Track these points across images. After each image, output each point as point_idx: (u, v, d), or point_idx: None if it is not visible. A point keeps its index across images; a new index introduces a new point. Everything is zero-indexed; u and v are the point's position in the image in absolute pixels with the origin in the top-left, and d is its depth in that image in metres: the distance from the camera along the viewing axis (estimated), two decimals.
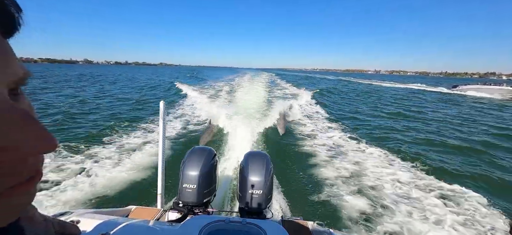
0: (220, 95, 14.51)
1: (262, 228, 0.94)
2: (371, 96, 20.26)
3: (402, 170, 4.98)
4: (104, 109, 9.66)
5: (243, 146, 5.36)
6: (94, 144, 5.46)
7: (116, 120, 7.83)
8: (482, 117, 12.05)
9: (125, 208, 1.52)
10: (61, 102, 10.75)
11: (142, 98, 13.38)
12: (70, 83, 20.20)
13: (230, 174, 4.26)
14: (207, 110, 9.37)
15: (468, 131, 9.01)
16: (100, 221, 0.93)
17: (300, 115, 9.94)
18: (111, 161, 4.63)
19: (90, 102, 11.15)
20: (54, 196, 3.35)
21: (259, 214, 1.46)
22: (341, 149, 6.07)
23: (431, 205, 3.76)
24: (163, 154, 1.90)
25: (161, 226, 0.98)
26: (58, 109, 9.27)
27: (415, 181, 4.48)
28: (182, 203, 1.47)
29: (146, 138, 6.08)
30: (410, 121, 10.77)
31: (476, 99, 21.03)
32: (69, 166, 4.30)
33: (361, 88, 29.40)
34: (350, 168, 4.96)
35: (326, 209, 3.60)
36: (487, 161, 5.90)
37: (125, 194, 3.65)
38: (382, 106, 14.83)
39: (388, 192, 4.07)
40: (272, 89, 19.44)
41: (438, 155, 6.31)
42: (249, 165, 1.56)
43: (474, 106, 16.23)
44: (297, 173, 4.76)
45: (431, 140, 7.65)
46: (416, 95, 22.84)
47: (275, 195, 3.67)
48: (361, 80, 47.18)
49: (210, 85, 21.41)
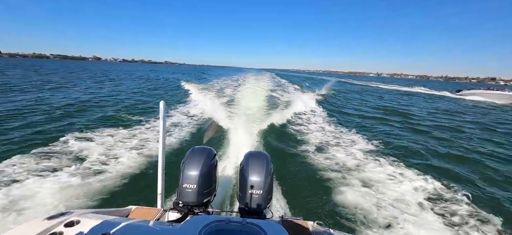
0: (221, 95, 14.51)
1: (262, 228, 0.94)
2: (375, 98, 20.26)
3: (402, 170, 4.98)
4: (104, 108, 9.66)
5: (243, 146, 5.37)
6: (94, 144, 5.46)
7: (116, 120, 7.83)
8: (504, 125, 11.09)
9: (125, 208, 1.52)
10: (59, 100, 10.75)
11: (142, 98, 13.38)
12: (69, 80, 20.18)
13: (230, 174, 4.26)
14: (207, 110, 9.38)
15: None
16: (100, 221, 0.93)
17: (300, 115, 9.94)
18: (111, 160, 4.62)
19: (90, 102, 11.16)
20: (54, 196, 3.35)
21: (259, 214, 1.46)
22: (341, 149, 6.07)
23: (431, 205, 3.76)
24: (163, 154, 1.90)
25: (161, 226, 0.98)
26: (57, 106, 9.28)
27: (415, 181, 4.48)
28: (182, 203, 1.47)
29: (146, 137, 6.08)
30: (414, 124, 10.77)
31: (482, 103, 20.96)
32: (69, 166, 4.30)
33: (365, 90, 29.40)
34: (350, 168, 4.96)
35: (326, 209, 3.60)
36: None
37: (125, 194, 3.65)
38: (383, 107, 14.83)
39: (388, 192, 4.07)
40: (273, 89, 19.46)
41: (441, 159, 6.30)
42: (249, 165, 1.56)
43: (484, 111, 15.69)
44: (297, 173, 4.76)
45: (433, 143, 7.65)
46: (422, 99, 22.83)
47: (275, 195, 3.67)
48: (366, 83, 46.97)
49: (210, 85, 21.42)
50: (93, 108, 9.75)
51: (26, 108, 8.78)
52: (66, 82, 19.08)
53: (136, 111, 9.47)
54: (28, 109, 8.63)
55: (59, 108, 9.20)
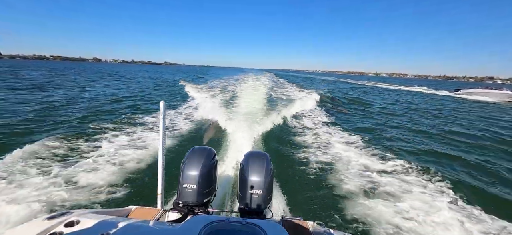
0: (221, 95, 14.50)
1: (262, 228, 0.94)
2: (375, 98, 20.26)
3: (402, 170, 4.98)
4: (104, 108, 9.66)
5: (243, 146, 5.36)
6: (94, 144, 5.46)
7: (116, 119, 7.83)
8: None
9: (125, 208, 1.52)
10: (59, 99, 10.76)
11: (143, 98, 13.38)
12: (68, 79, 20.21)
13: (230, 174, 4.26)
14: (207, 110, 9.37)
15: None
16: (100, 221, 0.93)
17: (300, 115, 9.94)
18: (111, 161, 4.62)
19: (90, 101, 11.16)
20: (54, 196, 3.35)
21: (259, 214, 1.46)
22: (341, 149, 6.07)
23: (431, 205, 3.76)
24: (163, 154, 1.89)
25: (161, 226, 0.98)
26: (56, 106, 9.28)
27: (416, 182, 4.49)
28: (182, 203, 1.47)
29: (146, 137, 6.07)
30: (414, 124, 10.77)
31: (482, 102, 21.00)
32: (69, 166, 4.30)
33: (365, 89, 29.40)
34: (350, 168, 4.96)
35: (326, 209, 3.60)
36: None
37: (125, 194, 3.65)
38: (384, 107, 14.83)
39: (389, 192, 4.07)
40: (273, 89, 19.46)
41: (444, 159, 6.30)
42: (249, 165, 1.56)
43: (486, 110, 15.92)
44: (297, 173, 4.76)
45: (435, 142, 7.64)
46: (422, 98, 22.82)
47: (275, 195, 3.66)
48: (364, 82, 46.89)
49: (211, 86, 21.41)
50: (93, 107, 9.74)
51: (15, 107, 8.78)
52: (88, 82, 19.11)
53: (136, 111, 9.47)
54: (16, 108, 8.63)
55: (58, 110, 9.20)
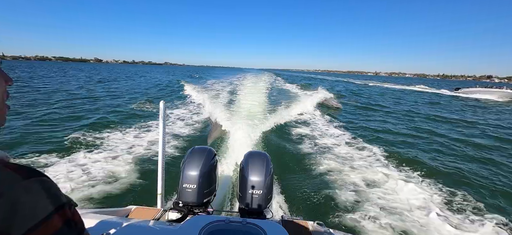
0: (221, 96, 14.50)
1: (262, 228, 0.94)
2: (375, 98, 20.26)
3: (402, 170, 4.99)
4: (104, 108, 9.65)
5: (243, 146, 5.36)
6: (94, 144, 5.46)
7: (116, 119, 7.83)
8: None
9: (125, 208, 1.52)
10: (58, 100, 10.75)
11: (142, 98, 13.38)
12: (66, 79, 20.21)
13: (230, 174, 4.25)
14: (207, 110, 9.37)
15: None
16: (100, 221, 0.93)
17: (300, 115, 9.93)
18: (111, 160, 4.62)
19: (89, 101, 11.16)
20: None
21: (259, 214, 1.46)
22: (341, 149, 6.07)
23: (431, 203, 3.76)
24: (163, 154, 1.89)
25: (161, 226, 0.98)
26: (56, 108, 9.28)
27: (417, 182, 4.48)
28: (182, 203, 1.47)
29: (146, 137, 6.07)
30: (415, 125, 10.78)
31: (483, 101, 20.99)
32: (69, 166, 4.29)
33: (365, 89, 29.39)
34: (350, 168, 4.95)
35: (326, 209, 3.59)
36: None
37: (125, 194, 3.65)
38: (383, 106, 14.82)
39: (390, 192, 4.07)
40: (273, 89, 19.45)
41: (443, 159, 6.30)
42: (249, 165, 1.56)
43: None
44: (297, 173, 4.76)
45: (435, 143, 7.64)
46: (422, 98, 22.82)
47: (275, 195, 3.66)
48: (364, 82, 46.76)
49: (211, 86, 21.40)
50: (93, 108, 9.74)
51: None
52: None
53: (136, 111, 9.47)
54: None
55: (58, 112, 9.19)
